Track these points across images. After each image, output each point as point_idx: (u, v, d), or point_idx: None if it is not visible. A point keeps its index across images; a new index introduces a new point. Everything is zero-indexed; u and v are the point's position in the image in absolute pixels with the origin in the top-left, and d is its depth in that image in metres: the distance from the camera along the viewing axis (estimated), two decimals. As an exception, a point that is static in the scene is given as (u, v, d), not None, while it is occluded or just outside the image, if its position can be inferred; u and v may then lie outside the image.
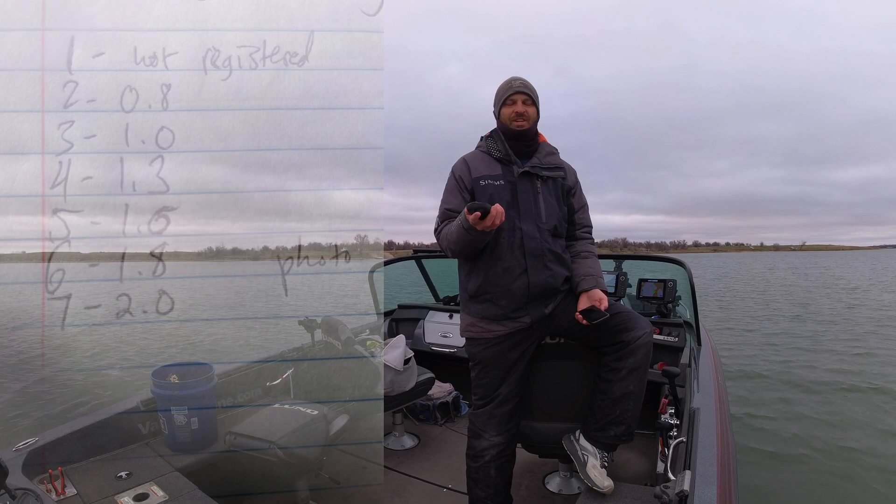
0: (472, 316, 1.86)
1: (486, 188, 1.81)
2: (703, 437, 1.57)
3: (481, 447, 1.88)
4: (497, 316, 1.80)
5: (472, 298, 1.85)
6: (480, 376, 1.89)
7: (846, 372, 5.95)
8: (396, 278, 4.38)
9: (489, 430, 1.88)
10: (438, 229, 1.85)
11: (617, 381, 1.79)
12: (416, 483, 2.45)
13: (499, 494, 1.90)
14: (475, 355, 1.90)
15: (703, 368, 2.33)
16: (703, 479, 1.34)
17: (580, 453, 1.86)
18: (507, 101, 1.85)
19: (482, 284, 1.81)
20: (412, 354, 2.74)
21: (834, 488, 3.19)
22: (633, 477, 2.34)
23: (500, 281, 1.79)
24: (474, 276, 1.83)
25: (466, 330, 1.89)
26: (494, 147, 1.88)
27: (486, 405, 1.89)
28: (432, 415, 3.16)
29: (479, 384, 1.90)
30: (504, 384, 1.86)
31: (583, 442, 1.89)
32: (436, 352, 3.51)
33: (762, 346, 7.66)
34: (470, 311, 1.87)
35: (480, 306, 1.82)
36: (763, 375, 5.86)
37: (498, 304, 1.80)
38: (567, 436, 1.94)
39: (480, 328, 1.84)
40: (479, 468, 1.88)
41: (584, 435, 1.91)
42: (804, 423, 4.31)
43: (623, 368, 1.79)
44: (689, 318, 3.04)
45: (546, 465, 2.48)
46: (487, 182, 1.82)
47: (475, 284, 1.82)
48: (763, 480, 3.27)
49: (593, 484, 1.78)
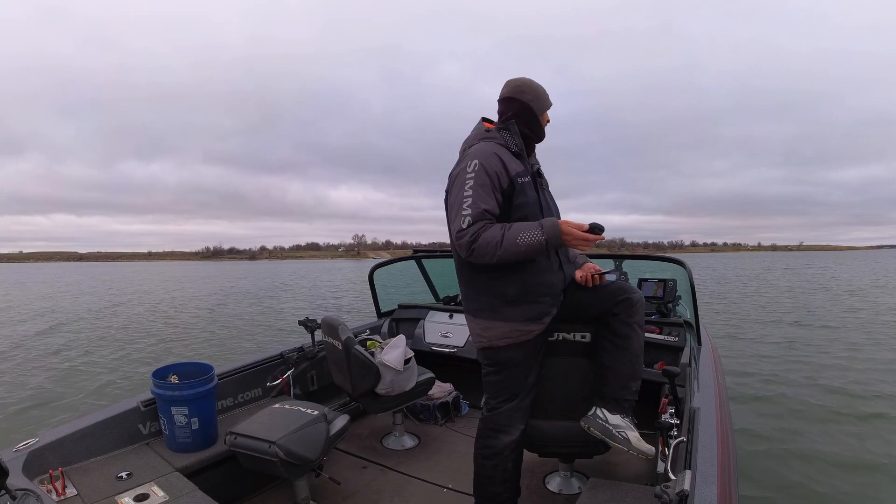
0: (512, 321, 1.77)
1: (523, 186, 1.76)
2: (703, 436, 1.58)
3: (503, 444, 1.87)
4: (539, 315, 1.78)
5: (511, 303, 1.76)
6: (509, 377, 1.86)
7: (843, 368, 5.98)
8: (396, 278, 4.37)
9: (516, 423, 1.88)
10: (473, 231, 1.66)
11: (633, 336, 1.85)
12: (416, 483, 2.45)
13: (514, 486, 1.94)
14: (508, 360, 1.84)
15: (704, 368, 2.33)
16: (703, 478, 1.34)
17: (616, 433, 1.82)
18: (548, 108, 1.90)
19: (524, 286, 1.76)
20: (412, 354, 2.74)
21: (834, 487, 3.20)
22: (634, 477, 2.35)
23: (541, 279, 1.78)
24: (512, 280, 1.75)
25: (505, 337, 1.79)
26: (512, 141, 1.82)
27: (513, 402, 1.87)
28: (432, 415, 3.16)
29: (507, 386, 1.87)
30: (531, 375, 1.88)
31: (613, 420, 1.85)
32: (436, 352, 3.51)
33: (750, 347, 7.67)
34: (508, 316, 1.77)
35: (521, 308, 1.76)
36: (750, 374, 5.88)
37: (542, 303, 1.78)
38: (587, 420, 1.89)
39: (521, 332, 1.78)
40: (496, 465, 1.88)
41: (605, 405, 1.87)
42: (802, 423, 4.32)
43: (635, 324, 1.86)
44: (689, 318, 3.04)
45: (546, 465, 2.49)
46: (523, 180, 1.77)
47: (516, 288, 1.75)
48: (763, 480, 3.28)
49: (646, 455, 1.80)
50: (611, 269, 1.92)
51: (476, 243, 1.65)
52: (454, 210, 1.73)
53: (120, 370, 6.80)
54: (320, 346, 3.14)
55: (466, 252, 1.68)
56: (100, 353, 7.94)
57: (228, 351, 8.13)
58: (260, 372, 2.86)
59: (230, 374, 2.70)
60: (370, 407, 2.69)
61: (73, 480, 1.87)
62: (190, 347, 8.48)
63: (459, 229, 1.68)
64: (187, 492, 1.83)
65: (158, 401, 2.23)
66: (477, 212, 1.67)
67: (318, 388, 3.22)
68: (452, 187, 1.78)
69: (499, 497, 1.90)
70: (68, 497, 1.77)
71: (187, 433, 2.20)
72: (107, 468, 1.99)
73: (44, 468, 1.87)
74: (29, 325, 11.34)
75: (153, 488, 1.85)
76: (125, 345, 8.71)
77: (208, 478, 2.13)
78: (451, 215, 1.75)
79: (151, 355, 7.76)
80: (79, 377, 6.47)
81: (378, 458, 2.71)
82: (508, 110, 1.87)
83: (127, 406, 2.27)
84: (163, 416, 2.22)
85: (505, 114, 1.88)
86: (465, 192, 1.70)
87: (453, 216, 1.73)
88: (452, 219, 1.73)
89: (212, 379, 2.33)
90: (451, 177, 1.83)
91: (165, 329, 10.59)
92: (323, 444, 2.10)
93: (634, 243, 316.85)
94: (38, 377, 6.45)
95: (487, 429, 1.92)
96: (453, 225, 1.72)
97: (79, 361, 7.38)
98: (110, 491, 1.82)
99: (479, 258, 1.68)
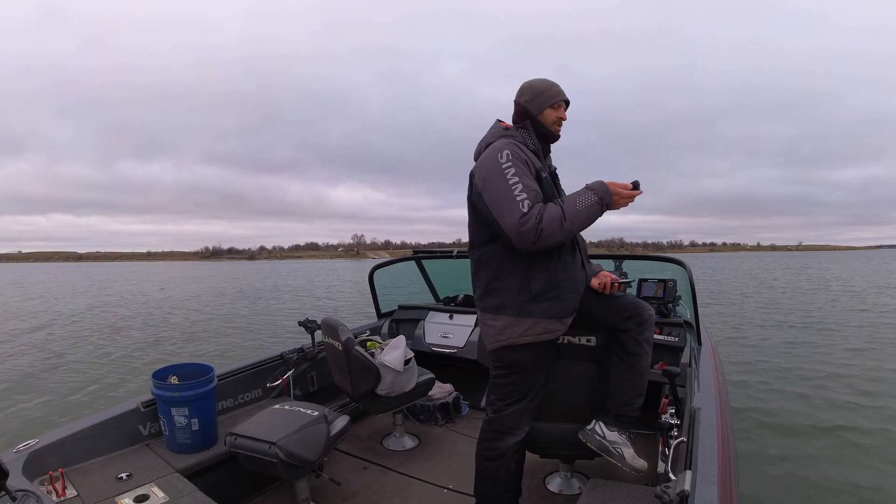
0: (538, 317, 1.74)
1: (545, 181, 1.75)
2: (703, 436, 1.58)
3: (507, 446, 1.87)
4: (564, 312, 1.77)
5: (536, 298, 1.74)
6: (519, 380, 1.85)
7: (843, 369, 5.98)
8: (396, 279, 4.37)
9: (522, 425, 1.89)
10: (537, 212, 1.61)
11: (643, 354, 1.87)
12: (416, 484, 2.45)
13: (516, 487, 1.94)
14: (521, 361, 1.82)
15: (704, 368, 2.33)
16: (703, 478, 1.34)
17: (612, 449, 1.87)
18: (555, 104, 1.85)
19: (550, 281, 1.74)
20: (412, 355, 2.73)
21: (834, 487, 3.20)
22: (634, 477, 2.35)
23: (567, 276, 1.77)
24: (538, 275, 1.73)
25: (527, 334, 1.75)
26: (530, 140, 1.84)
27: (520, 404, 1.87)
28: (433, 415, 3.16)
29: (517, 388, 1.86)
30: (540, 377, 1.88)
31: (611, 436, 1.88)
32: (436, 352, 3.51)
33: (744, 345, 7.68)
34: (533, 312, 1.74)
35: (546, 304, 1.74)
36: (750, 372, 5.89)
37: (566, 299, 1.77)
38: (584, 434, 1.91)
39: (545, 329, 1.75)
40: (499, 466, 1.88)
41: (604, 419, 1.90)
42: (805, 422, 4.33)
43: (644, 342, 1.87)
44: (689, 318, 3.04)
45: (547, 466, 2.49)
46: (546, 175, 1.77)
47: (542, 282, 1.73)
48: (763, 479, 3.28)
49: (638, 471, 1.86)
50: (629, 280, 1.94)
51: (542, 223, 1.60)
52: (503, 202, 1.64)
53: (119, 371, 6.79)
54: (320, 347, 3.13)
55: (534, 236, 1.60)
56: (99, 352, 7.93)
57: (229, 350, 8.12)
58: (260, 373, 2.86)
59: (230, 375, 2.70)
60: (370, 408, 2.69)
61: (73, 481, 1.87)
62: (189, 347, 8.47)
63: (521, 215, 1.60)
64: (187, 493, 1.83)
65: (158, 402, 2.23)
66: (532, 192, 1.64)
67: (319, 388, 3.22)
68: (488, 183, 1.70)
69: (501, 497, 1.90)
70: (68, 498, 1.76)
71: (187, 434, 2.20)
72: (107, 469, 1.99)
73: (44, 469, 1.86)
74: (28, 325, 11.32)
75: (153, 489, 1.85)
76: (125, 343, 8.69)
77: (208, 479, 2.13)
78: (500, 208, 1.66)
79: (150, 356, 7.75)
80: (78, 376, 6.46)
81: (378, 458, 2.71)
82: (514, 113, 1.91)
83: (127, 407, 2.26)
84: (163, 417, 2.22)
85: (514, 117, 1.92)
86: (510, 179, 1.65)
87: (505, 207, 1.64)
88: (505, 210, 1.64)
89: (212, 380, 2.33)
90: (477, 176, 1.76)
91: (165, 328, 10.58)
92: (323, 444, 2.09)
93: (634, 243, 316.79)
94: (38, 375, 6.44)
95: (492, 430, 1.91)
96: (509, 215, 1.62)
97: (77, 361, 7.37)
98: (110, 492, 1.82)
99: (547, 238, 1.61)
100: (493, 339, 1.83)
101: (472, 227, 1.85)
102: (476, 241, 1.85)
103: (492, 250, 1.80)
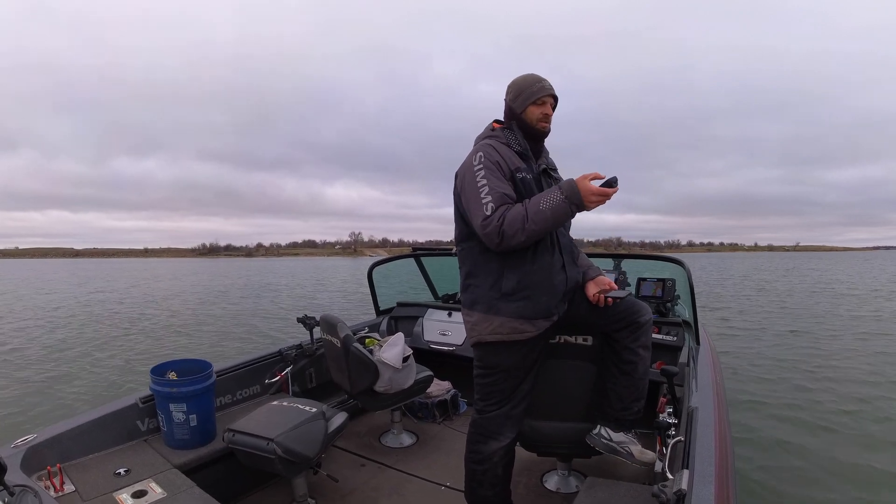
0: (505, 315, 1.73)
1: (523, 181, 1.73)
2: (701, 436, 1.58)
3: (491, 450, 1.86)
4: (534, 314, 1.73)
5: (506, 297, 1.72)
6: (498, 382, 1.83)
7: (843, 368, 6.00)
8: (395, 276, 4.37)
9: (506, 431, 1.86)
10: (499, 214, 1.62)
11: (639, 360, 1.86)
12: (414, 481, 2.45)
13: (504, 490, 1.94)
14: (498, 363, 1.81)
15: (702, 368, 2.34)
16: (700, 478, 1.34)
17: (620, 448, 1.90)
18: (538, 100, 1.79)
19: (521, 281, 1.72)
20: (411, 352, 2.73)
21: (834, 487, 3.21)
22: (632, 476, 2.35)
23: (541, 277, 1.73)
24: (509, 274, 1.72)
25: (495, 332, 1.75)
26: (514, 140, 1.80)
27: (502, 408, 1.85)
28: (431, 413, 3.16)
29: (497, 390, 1.84)
30: (524, 383, 1.85)
31: (617, 437, 1.91)
32: (434, 350, 3.51)
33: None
34: (502, 310, 1.73)
35: (516, 305, 1.72)
36: (749, 373, 5.90)
37: (537, 302, 1.73)
38: (591, 438, 1.94)
39: (513, 328, 1.73)
40: (485, 470, 1.87)
41: (606, 424, 1.93)
42: (802, 422, 4.34)
43: (640, 347, 1.86)
44: (687, 318, 3.05)
45: (544, 464, 2.49)
46: (523, 175, 1.74)
47: (512, 282, 1.72)
48: (761, 479, 3.29)
49: (647, 465, 1.87)
50: (626, 292, 1.91)
51: (504, 225, 1.61)
52: (473, 203, 1.68)
53: (118, 367, 6.78)
54: (319, 344, 3.13)
55: (497, 238, 1.62)
56: (98, 352, 7.91)
57: (227, 348, 8.11)
58: (258, 369, 2.86)
59: (228, 371, 2.69)
60: (368, 404, 2.69)
61: (71, 477, 1.87)
62: (188, 345, 8.46)
63: (484, 217, 1.63)
64: (185, 489, 1.83)
65: (157, 397, 2.23)
66: (497, 195, 1.65)
67: (317, 385, 3.22)
68: (464, 184, 1.74)
69: (489, 500, 1.91)
70: (66, 493, 1.76)
71: (185, 430, 2.20)
72: (105, 465, 1.99)
73: (42, 464, 1.86)
74: (30, 324, 11.29)
75: (151, 485, 1.85)
76: (123, 344, 8.68)
77: (206, 475, 2.13)
78: (471, 210, 1.70)
79: (149, 352, 7.74)
80: (77, 376, 6.45)
81: (376, 455, 2.71)
82: (504, 113, 1.90)
83: (125, 403, 2.26)
84: (161, 413, 2.22)
85: (504, 116, 1.91)
86: (479, 181, 1.67)
87: (474, 209, 1.67)
88: (473, 212, 1.68)
89: (210, 376, 2.33)
90: (458, 178, 1.79)
91: (165, 328, 10.56)
92: (321, 441, 2.09)
93: (631, 243, 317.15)
94: (36, 374, 6.43)
95: (477, 433, 1.90)
96: (476, 217, 1.66)
97: (77, 359, 7.36)
98: (108, 487, 1.82)
99: (510, 240, 1.62)
100: (468, 333, 1.86)
101: (456, 224, 1.87)
102: (457, 237, 1.88)
103: (469, 247, 1.82)
